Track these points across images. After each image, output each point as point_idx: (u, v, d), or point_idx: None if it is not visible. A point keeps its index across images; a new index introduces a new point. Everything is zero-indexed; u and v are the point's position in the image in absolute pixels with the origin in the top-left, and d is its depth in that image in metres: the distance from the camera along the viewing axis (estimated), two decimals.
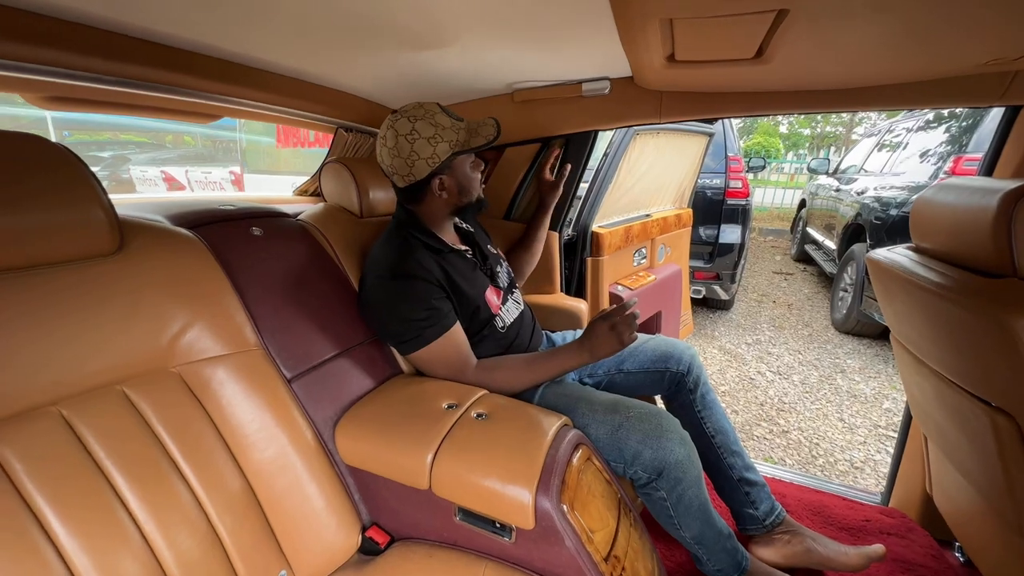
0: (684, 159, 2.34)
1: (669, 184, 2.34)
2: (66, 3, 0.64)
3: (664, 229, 2.19)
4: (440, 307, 0.90)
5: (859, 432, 2.06)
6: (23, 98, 0.81)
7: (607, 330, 0.88)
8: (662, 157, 2.10)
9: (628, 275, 1.96)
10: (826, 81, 0.99)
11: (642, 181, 2.03)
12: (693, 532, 0.91)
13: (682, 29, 0.71)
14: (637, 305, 0.94)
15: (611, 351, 0.89)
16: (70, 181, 0.58)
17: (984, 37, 0.69)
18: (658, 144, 2.00)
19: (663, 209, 2.37)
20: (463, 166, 0.96)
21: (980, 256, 0.67)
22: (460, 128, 0.93)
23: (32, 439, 0.53)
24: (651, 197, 2.23)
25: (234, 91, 0.97)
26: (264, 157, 6.48)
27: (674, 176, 2.34)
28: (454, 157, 0.92)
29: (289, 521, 0.72)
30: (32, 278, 0.56)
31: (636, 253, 2.02)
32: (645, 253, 2.10)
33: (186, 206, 0.88)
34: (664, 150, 2.08)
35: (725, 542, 0.94)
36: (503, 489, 0.66)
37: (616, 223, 1.88)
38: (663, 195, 2.35)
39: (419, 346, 0.90)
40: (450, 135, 0.91)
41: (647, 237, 2.05)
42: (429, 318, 0.89)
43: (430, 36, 0.85)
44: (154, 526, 0.58)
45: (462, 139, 0.92)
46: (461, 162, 0.95)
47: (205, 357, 0.70)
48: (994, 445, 0.69)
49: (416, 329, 0.89)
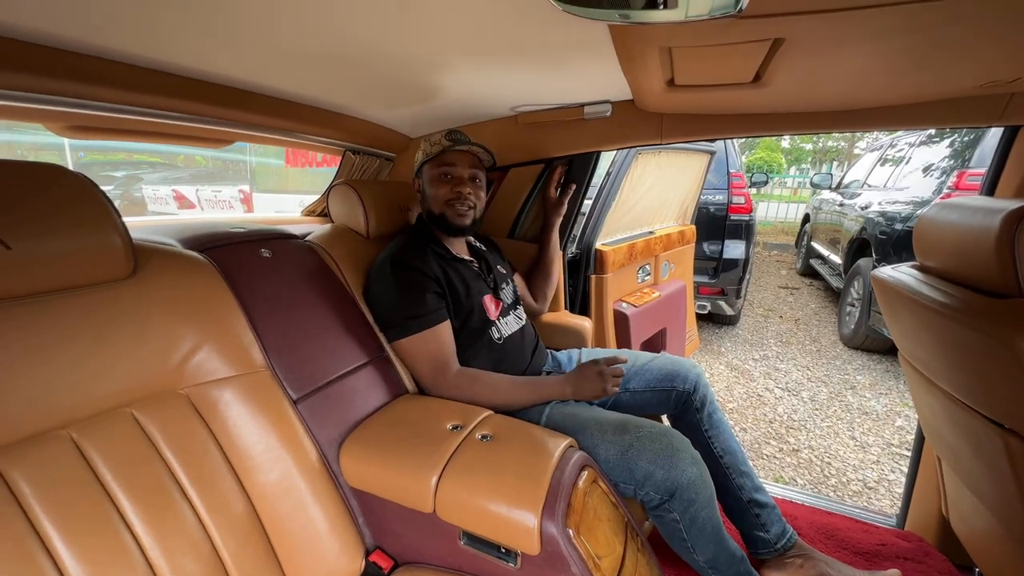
0: (686, 177, 2.38)
1: (672, 201, 2.38)
2: (87, 39, 0.67)
3: (668, 246, 2.22)
4: (429, 302, 0.95)
5: (872, 451, 2.02)
6: (46, 128, 0.85)
7: (595, 375, 0.98)
8: (664, 175, 2.13)
9: (632, 292, 1.96)
10: (824, 103, 1.00)
11: (644, 199, 2.06)
12: (707, 556, 0.88)
13: (681, 56, 0.73)
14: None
15: (592, 395, 0.98)
16: (90, 210, 0.60)
17: (977, 62, 0.71)
18: (659, 163, 2.03)
19: (666, 226, 2.40)
20: (429, 176, 1.07)
21: (984, 276, 0.67)
22: (440, 143, 1.04)
23: (41, 463, 0.54)
24: (654, 214, 2.26)
25: (247, 118, 1.01)
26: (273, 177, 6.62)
27: (676, 193, 2.38)
28: (422, 165, 1.07)
29: (293, 545, 0.72)
30: (51, 302, 0.58)
31: (640, 270, 2.03)
32: (649, 270, 2.11)
33: (198, 229, 0.90)
34: (666, 168, 2.11)
35: (739, 566, 0.92)
36: (508, 513, 0.65)
37: (619, 240, 1.90)
38: (666, 212, 2.38)
39: (402, 335, 0.95)
40: (427, 147, 1.06)
41: (650, 254, 2.07)
42: (417, 310, 0.94)
43: (436, 63, 0.88)
44: (159, 551, 0.58)
45: (433, 152, 1.05)
46: (428, 171, 1.07)
47: (213, 379, 0.71)
48: (1007, 467, 0.68)
49: (402, 318, 0.95)
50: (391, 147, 1.46)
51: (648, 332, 1.93)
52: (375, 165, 1.49)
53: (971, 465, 0.82)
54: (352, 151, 1.41)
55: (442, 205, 1.05)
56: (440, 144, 1.03)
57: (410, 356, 0.98)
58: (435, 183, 1.05)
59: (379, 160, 1.49)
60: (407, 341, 0.96)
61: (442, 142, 1.03)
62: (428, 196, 1.07)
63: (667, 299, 2.08)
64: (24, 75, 0.66)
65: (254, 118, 1.02)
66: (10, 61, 0.64)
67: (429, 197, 1.07)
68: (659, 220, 2.34)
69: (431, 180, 1.06)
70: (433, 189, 1.06)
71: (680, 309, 2.22)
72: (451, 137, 1.04)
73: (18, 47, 0.64)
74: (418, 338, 0.95)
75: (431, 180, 1.06)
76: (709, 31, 0.62)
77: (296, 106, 1.08)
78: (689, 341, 2.43)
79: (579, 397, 0.99)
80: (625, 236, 2.00)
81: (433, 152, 1.04)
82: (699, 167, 2.45)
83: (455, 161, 1.05)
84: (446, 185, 1.05)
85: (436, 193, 1.05)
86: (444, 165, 1.04)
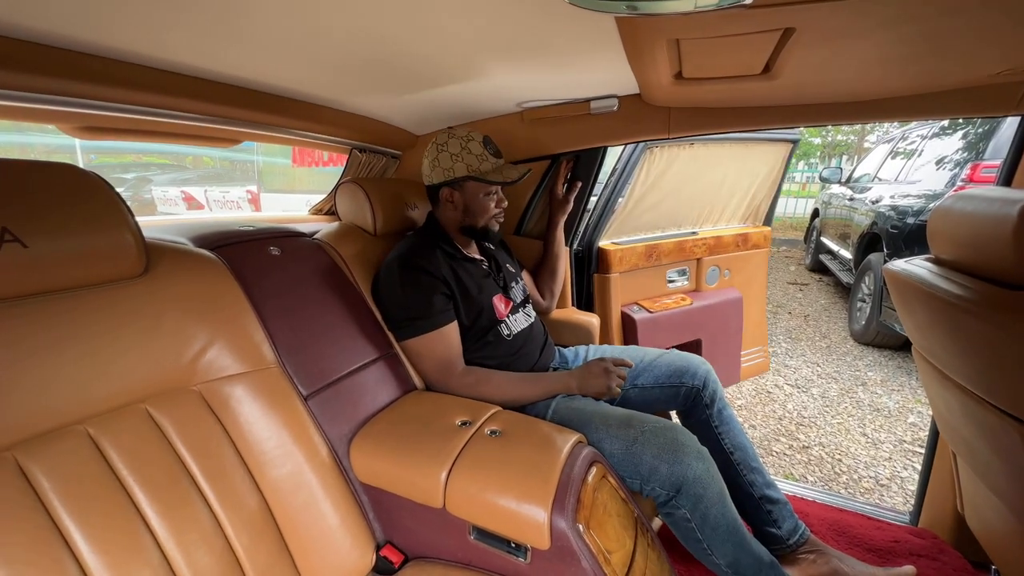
0: (753, 170, 2.02)
1: (730, 199, 2.04)
2: (97, 39, 0.68)
3: (717, 249, 1.94)
4: (436, 303, 0.96)
5: (884, 448, 2.00)
6: (58, 128, 0.86)
7: (601, 371, 0.99)
8: (709, 170, 1.87)
9: (654, 296, 1.83)
10: (836, 94, 0.99)
11: (674, 196, 1.84)
12: (728, 558, 0.85)
13: (689, 48, 0.72)
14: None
15: (596, 391, 0.98)
16: (103, 209, 0.61)
17: (995, 48, 0.69)
18: (695, 155, 1.78)
19: (720, 227, 2.07)
20: (476, 191, 1.04)
21: (1001, 268, 0.66)
22: (487, 160, 1.02)
23: (59, 457, 0.55)
24: (698, 213, 1.99)
25: (254, 116, 1.01)
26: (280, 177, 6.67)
27: (738, 190, 2.03)
28: (467, 179, 1.02)
29: (305, 539, 0.73)
30: (65, 301, 0.59)
31: (676, 272, 1.88)
32: (689, 273, 1.92)
33: (208, 227, 0.91)
34: (709, 162, 1.84)
35: (768, 571, 0.87)
36: (518, 507, 0.66)
37: (634, 240, 1.78)
38: (720, 211, 2.05)
39: (409, 335, 0.97)
40: (472, 160, 1.02)
41: (687, 256, 1.87)
42: (424, 311, 0.95)
43: (443, 61, 0.88)
44: (174, 544, 0.59)
45: (484, 169, 1.01)
46: (475, 187, 1.03)
47: (225, 375, 0.72)
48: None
49: (409, 318, 0.96)
50: (397, 145, 1.47)
51: (668, 341, 1.77)
52: (381, 163, 1.50)
53: (988, 460, 0.81)
54: (358, 149, 1.41)
55: (488, 219, 1.07)
56: (488, 161, 1.02)
57: (417, 356, 0.99)
58: (485, 199, 1.05)
59: (385, 158, 1.49)
60: (414, 341, 0.97)
61: (488, 158, 1.02)
62: (474, 210, 1.06)
63: (710, 309, 1.85)
64: (36, 76, 0.67)
65: (261, 117, 1.02)
66: (22, 63, 0.65)
67: (475, 211, 1.06)
68: (708, 220, 2.04)
69: (478, 195, 1.05)
70: (481, 204, 1.05)
71: (729, 321, 1.93)
72: (493, 151, 1.03)
73: (30, 49, 0.65)
74: (425, 339, 0.96)
75: (478, 195, 1.05)
76: (718, 22, 0.61)
77: (303, 104, 1.09)
78: (753, 361, 2.10)
79: (584, 392, 0.99)
80: (644, 236, 1.84)
81: (484, 170, 1.02)
82: (774, 159, 2.03)
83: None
84: (493, 200, 1.06)
85: (485, 208, 1.06)
86: (493, 184, 1.04)
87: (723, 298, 1.92)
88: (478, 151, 1.02)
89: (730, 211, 2.08)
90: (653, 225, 1.89)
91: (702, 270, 1.92)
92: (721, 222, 2.08)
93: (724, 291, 1.98)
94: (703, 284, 1.94)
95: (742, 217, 2.14)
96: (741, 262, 2.04)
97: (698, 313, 1.84)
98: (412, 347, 0.98)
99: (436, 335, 0.96)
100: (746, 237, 2.03)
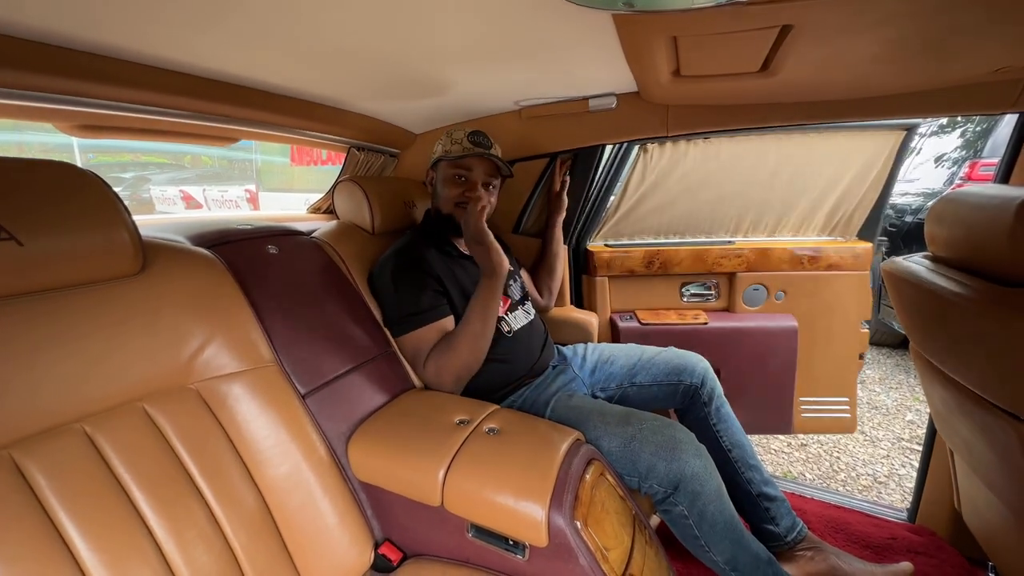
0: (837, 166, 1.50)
1: (793, 202, 1.57)
2: (94, 37, 0.68)
3: (763, 264, 1.52)
4: (428, 299, 0.97)
5: (881, 445, 2.00)
6: (56, 127, 0.86)
7: (474, 244, 0.95)
8: (746, 166, 1.52)
9: (660, 308, 1.60)
10: (835, 92, 0.99)
11: (689, 198, 1.57)
12: (725, 555, 0.85)
13: (687, 45, 0.72)
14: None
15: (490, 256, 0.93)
16: (99, 206, 0.61)
17: (992, 46, 0.69)
18: (711, 153, 1.50)
19: (775, 239, 1.61)
20: (444, 174, 1.07)
21: (998, 265, 0.66)
22: (460, 143, 1.04)
23: (56, 455, 0.54)
24: (736, 219, 1.60)
25: (252, 115, 1.01)
26: (278, 176, 6.67)
27: (807, 191, 1.55)
28: (439, 162, 1.07)
29: (303, 537, 0.73)
30: (60, 299, 0.58)
31: (698, 286, 1.59)
32: (719, 289, 1.60)
33: (205, 226, 0.91)
34: (746, 158, 1.50)
35: (766, 568, 0.87)
36: (516, 505, 0.66)
37: (631, 244, 1.60)
38: (774, 217, 1.60)
39: (402, 331, 0.97)
40: (449, 145, 1.05)
41: (711, 268, 1.54)
42: (415, 307, 0.95)
43: (441, 59, 0.88)
44: (172, 543, 0.59)
45: (453, 151, 1.04)
46: (444, 170, 1.07)
47: (222, 374, 0.71)
48: (1022, 459, 0.67)
49: (401, 315, 0.97)
50: (395, 143, 1.47)
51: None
52: (379, 162, 1.50)
53: (985, 458, 0.81)
54: (356, 148, 1.41)
55: (451, 206, 1.06)
56: (461, 144, 1.03)
57: (411, 351, 0.98)
58: (448, 183, 1.05)
59: (383, 157, 1.49)
60: (406, 338, 0.97)
61: (463, 143, 1.03)
62: (439, 194, 1.07)
63: (733, 334, 1.50)
64: (33, 74, 0.67)
65: (259, 115, 1.02)
66: (19, 61, 0.65)
67: (440, 196, 1.07)
68: (757, 228, 1.62)
69: (445, 179, 1.06)
70: (446, 189, 1.06)
71: (772, 355, 1.51)
72: (473, 139, 1.03)
73: (27, 47, 0.64)
74: (416, 335, 0.96)
75: (445, 179, 1.06)
76: (715, 19, 0.61)
77: (301, 103, 1.08)
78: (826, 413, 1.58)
79: (496, 272, 0.94)
80: (645, 241, 1.63)
81: (453, 152, 1.03)
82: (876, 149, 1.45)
83: (472, 166, 1.04)
84: (458, 187, 1.05)
85: (448, 194, 1.05)
86: (461, 168, 1.04)
87: (763, 324, 1.51)
88: (458, 138, 1.05)
89: (798, 218, 1.59)
90: (665, 229, 1.62)
91: (737, 287, 1.55)
92: (784, 231, 1.61)
93: (770, 316, 1.54)
94: (738, 304, 1.56)
95: (823, 227, 1.59)
96: (807, 284, 1.53)
97: (713, 336, 1.51)
98: (405, 344, 0.98)
99: (427, 331, 0.96)
100: (818, 253, 1.50)
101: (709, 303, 1.60)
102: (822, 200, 1.55)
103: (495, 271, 0.94)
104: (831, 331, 1.54)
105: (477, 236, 0.94)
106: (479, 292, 0.96)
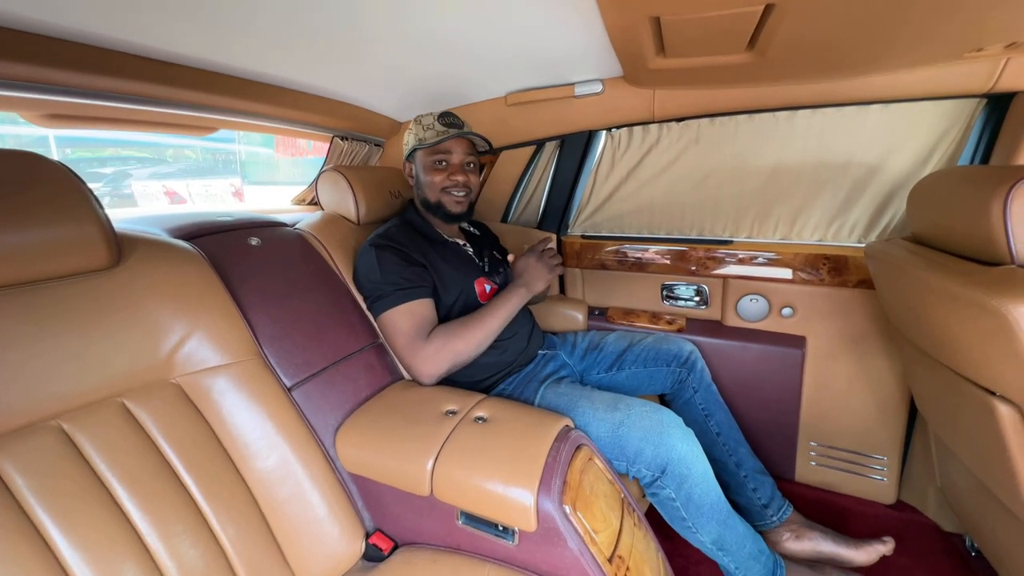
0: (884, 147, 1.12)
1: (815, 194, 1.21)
2: (62, 23, 0.65)
3: (764, 271, 1.24)
4: (409, 277, 0.95)
5: None
6: (22, 116, 0.82)
7: (535, 262, 1.01)
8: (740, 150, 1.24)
9: (638, 309, 1.44)
10: (819, 74, 0.99)
11: (668, 188, 1.36)
12: (712, 535, 0.87)
13: (670, 27, 0.71)
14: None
15: (545, 282, 1.01)
16: (65, 197, 0.59)
17: (968, 26, 0.69)
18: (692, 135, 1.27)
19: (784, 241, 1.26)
20: (424, 163, 1.05)
21: (977, 244, 0.67)
22: (432, 128, 1.02)
23: (33, 453, 0.53)
24: (735, 216, 1.31)
25: (229, 103, 0.98)
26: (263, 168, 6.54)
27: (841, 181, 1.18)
28: (415, 151, 1.05)
29: (292, 530, 0.72)
30: (31, 294, 0.57)
31: (686, 287, 1.36)
32: (707, 295, 1.35)
33: (184, 218, 0.89)
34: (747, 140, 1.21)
35: (751, 546, 0.89)
36: (505, 491, 0.66)
37: (604, 236, 1.46)
38: (790, 214, 1.25)
39: (381, 309, 0.94)
40: (421, 133, 1.03)
41: (697, 272, 1.32)
42: (395, 285, 0.94)
43: (424, 43, 0.86)
44: (157, 538, 0.58)
45: (427, 137, 1.02)
46: (423, 158, 1.05)
47: (205, 367, 0.70)
48: (999, 433, 0.68)
49: (379, 294, 0.95)
50: (380, 132, 1.44)
51: None
52: (364, 151, 1.47)
53: (963, 434, 0.83)
54: (340, 137, 1.38)
55: (438, 192, 1.04)
56: (433, 129, 1.01)
57: (390, 330, 0.94)
58: (430, 170, 1.04)
59: (368, 146, 1.47)
60: (386, 315, 0.93)
61: (435, 126, 1.01)
62: (423, 183, 1.06)
63: (710, 349, 1.28)
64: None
65: (237, 103, 0.99)
66: None
67: (424, 184, 1.05)
68: (765, 228, 1.28)
69: (425, 167, 1.04)
70: (428, 176, 1.04)
71: (767, 381, 1.27)
72: (445, 121, 1.02)
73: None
74: (395, 312, 0.92)
75: (425, 167, 1.04)
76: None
77: (280, 91, 1.06)
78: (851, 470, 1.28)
79: (533, 292, 1.01)
80: (614, 234, 1.47)
81: (427, 139, 1.01)
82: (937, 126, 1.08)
83: (450, 148, 1.03)
84: (441, 172, 1.03)
85: (432, 180, 1.04)
86: (439, 152, 1.03)
87: (755, 344, 1.25)
88: (429, 123, 1.03)
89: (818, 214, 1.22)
90: (649, 225, 1.43)
91: (729, 295, 1.30)
92: (802, 233, 1.24)
93: (773, 336, 1.26)
94: (729, 315, 1.31)
95: (847, 229, 1.21)
96: (818, 300, 1.21)
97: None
98: (385, 321, 0.94)
99: (406, 307, 0.92)
100: (841, 261, 1.15)
101: (699, 311, 1.37)
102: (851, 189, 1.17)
103: (532, 287, 1.01)
104: (863, 365, 1.20)
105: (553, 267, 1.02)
106: (511, 296, 0.99)
